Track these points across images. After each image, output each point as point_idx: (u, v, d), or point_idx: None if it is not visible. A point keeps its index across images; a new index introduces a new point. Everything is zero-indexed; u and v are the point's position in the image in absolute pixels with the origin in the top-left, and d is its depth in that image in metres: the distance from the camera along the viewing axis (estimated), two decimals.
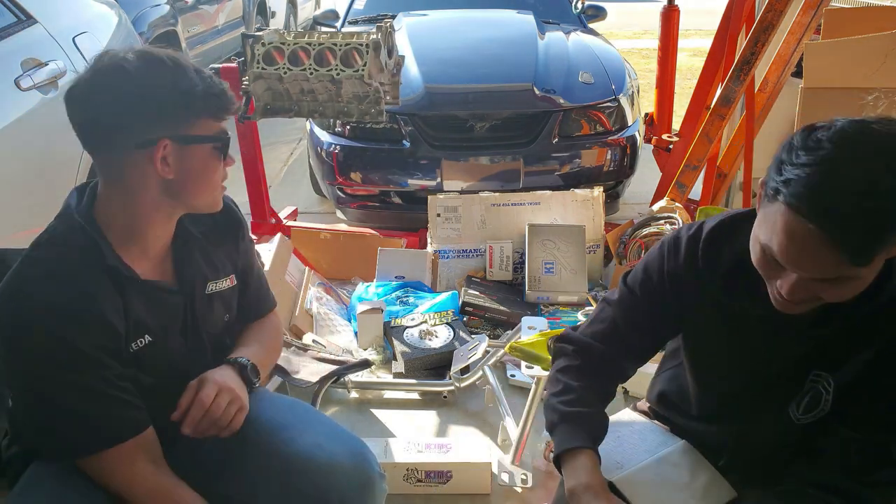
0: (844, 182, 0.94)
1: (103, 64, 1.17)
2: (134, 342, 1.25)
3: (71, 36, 2.78)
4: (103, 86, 1.16)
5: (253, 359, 1.44)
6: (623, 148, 3.55)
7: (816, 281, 1.01)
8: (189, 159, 1.21)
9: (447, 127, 3.48)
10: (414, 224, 3.45)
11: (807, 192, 0.95)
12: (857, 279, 1.00)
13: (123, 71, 1.16)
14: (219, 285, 1.41)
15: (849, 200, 0.93)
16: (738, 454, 1.28)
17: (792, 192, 0.96)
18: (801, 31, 3.00)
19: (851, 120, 0.98)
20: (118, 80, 1.16)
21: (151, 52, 1.20)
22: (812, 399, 1.16)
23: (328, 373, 2.40)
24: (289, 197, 4.38)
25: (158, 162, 1.19)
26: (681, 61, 5.21)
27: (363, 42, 2.55)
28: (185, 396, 1.30)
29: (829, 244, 0.94)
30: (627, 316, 1.33)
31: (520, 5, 4.55)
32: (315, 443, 1.37)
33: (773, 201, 1.00)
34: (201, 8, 6.32)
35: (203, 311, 1.39)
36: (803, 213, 0.95)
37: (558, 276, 3.03)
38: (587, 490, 1.15)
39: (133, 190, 1.22)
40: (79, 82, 1.18)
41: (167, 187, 1.22)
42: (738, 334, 1.22)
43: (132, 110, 1.16)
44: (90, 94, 1.17)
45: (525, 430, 2.10)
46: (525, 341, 1.93)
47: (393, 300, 2.96)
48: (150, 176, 1.20)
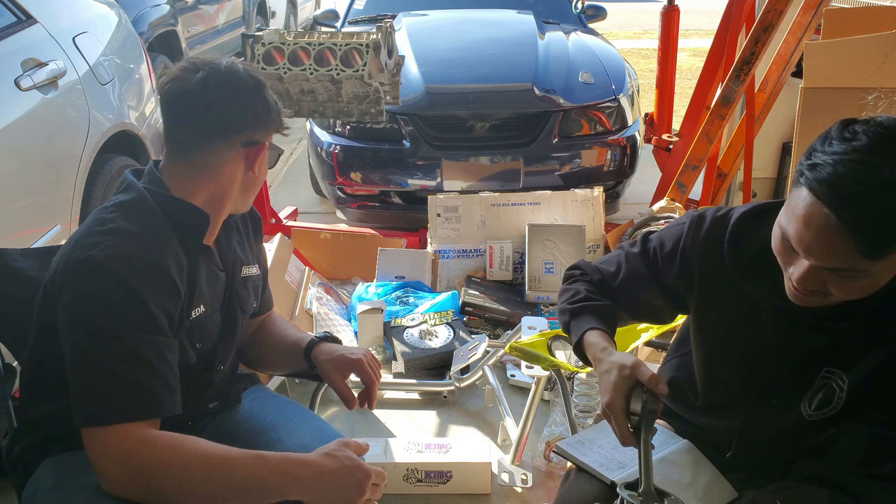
0: (870, 174, 0.93)
1: (226, 67, 1.28)
2: (194, 310, 1.29)
3: (71, 36, 2.77)
4: (234, 86, 1.27)
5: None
6: (623, 148, 3.55)
7: (828, 271, 1.00)
8: (263, 162, 1.35)
9: (447, 127, 3.48)
10: (414, 224, 3.46)
11: (830, 178, 0.95)
12: (868, 276, 0.99)
13: (253, 79, 1.29)
14: (250, 271, 1.49)
15: (871, 192, 0.93)
16: (744, 448, 1.28)
17: (816, 176, 0.96)
18: (801, 31, 3.00)
19: (892, 117, 0.99)
20: (249, 84, 1.28)
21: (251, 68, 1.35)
22: (825, 396, 1.15)
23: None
24: (289, 197, 4.39)
25: (257, 161, 1.31)
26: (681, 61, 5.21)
27: (363, 42, 2.55)
28: (343, 388, 1.50)
29: (844, 234, 0.94)
30: (628, 271, 1.35)
31: (520, 5, 4.55)
32: (302, 443, 1.38)
33: (798, 186, 1.01)
34: (201, 8, 6.32)
35: (241, 291, 1.45)
36: (824, 198, 0.95)
37: (558, 276, 3.03)
38: (636, 364, 1.14)
39: (222, 181, 1.30)
40: (198, 77, 1.25)
41: (245, 183, 1.34)
42: (751, 324, 1.21)
43: (254, 113, 1.28)
44: (220, 89, 1.26)
45: (525, 430, 2.11)
46: (525, 341, 1.93)
47: (393, 300, 2.96)
48: (239, 171, 1.31)
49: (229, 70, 1.27)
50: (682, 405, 1.37)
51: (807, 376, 1.18)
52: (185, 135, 1.28)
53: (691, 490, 1.26)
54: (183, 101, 1.25)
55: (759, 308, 1.20)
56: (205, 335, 1.34)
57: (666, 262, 1.30)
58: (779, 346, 1.19)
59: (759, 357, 1.21)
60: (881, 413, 1.10)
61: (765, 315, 1.20)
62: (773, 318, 1.19)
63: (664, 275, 1.30)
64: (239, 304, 1.44)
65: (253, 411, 1.48)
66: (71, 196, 2.51)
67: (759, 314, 1.20)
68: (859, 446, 1.11)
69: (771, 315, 1.19)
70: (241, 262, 1.46)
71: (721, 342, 1.27)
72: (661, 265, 1.31)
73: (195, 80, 1.24)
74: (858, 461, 1.10)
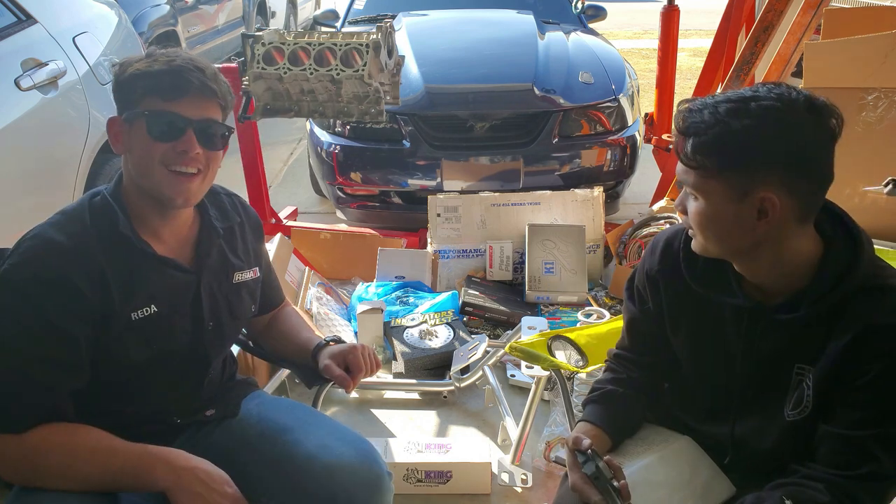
0: (713, 106, 1.09)
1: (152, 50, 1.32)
2: (137, 311, 1.29)
3: (71, 36, 2.77)
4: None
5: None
6: (623, 148, 3.55)
7: (685, 189, 1.16)
8: (131, 135, 1.29)
9: (447, 127, 3.47)
10: (414, 224, 3.45)
11: (685, 106, 1.13)
12: (704, 197, 1.13)
13: (153, 58, 1.29)
14: (244, 276, 1.49)
15: (701, 114, 1.09)
16: (739, 453, 1.29)
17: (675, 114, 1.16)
18: (801, 31, 3.00)
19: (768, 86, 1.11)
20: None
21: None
22: (798, 395, 1.18)
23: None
24: (289, 197, 4.39)
25: (111, 134, 1.33)
26: (681, 61, 5.21)
27: (363, 42, 2.55)
28: (338, 374, 1.50)
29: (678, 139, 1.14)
30: (628, 319, 1.43)
31: (520, 5, 4.55)
32: (322, 444, 1.39)
33: None
34: (201, 8, 6.32)
35: (232, 298, 1.45)
36: (678, 124, 1.13)
37: (558, 276, 3.03)
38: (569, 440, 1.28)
39: (128, 159, 1.33)
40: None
41: (127, 165, 1.32)
42: (720, 333, 1.26)
43: (118, 87, 1.31)
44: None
45: (525, 430, 2.10)
46: (525, 341, 1.92)
47: (393, 300, 2.96)
48: (121, 146, 1.33)
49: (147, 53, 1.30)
50: (685, 414, 1.38)
51: (782, 377, 1.20)
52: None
53: (690, 487, 1.27)
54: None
55: (723, 316, 1.25)
56: (160, 335, 1.33)
57: (644, 293, 1.37)
58: (747, 350, 1.23)
59: (733, 364, 1.25)
60: (848, 410, 1.12)
61: (728, 321, 1.24)
62: (736, 321, 1.23)
63: (651, 306, 1.36)
64: (228, 309, 1.44)
65: (262, 415, 1.48)
66: (71, 196, 2.51)
67: (724, 322, 1.25)
68: (836, 449, 1.13)
69: (733, 319, 1.24)
70: (234, 267, 1.46)
71: (698, 354, 1.31)
72: (646, 299, 1.37)
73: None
74: (838, 464, 1.12)
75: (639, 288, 1.38)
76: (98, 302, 1.23)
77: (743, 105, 1.08)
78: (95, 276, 1.23)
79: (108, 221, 1.28)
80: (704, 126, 1.09)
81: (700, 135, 1.10)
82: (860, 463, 1.10)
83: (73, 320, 1.21)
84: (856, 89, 2.49)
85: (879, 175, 2.52)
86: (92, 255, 1.24)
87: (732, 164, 1.09)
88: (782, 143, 1.07)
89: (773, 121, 1.06)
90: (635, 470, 1.27)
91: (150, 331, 1.31)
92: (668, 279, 1.31)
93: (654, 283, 1.33)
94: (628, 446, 1.35)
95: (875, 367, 1.08)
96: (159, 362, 1.33)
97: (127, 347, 1.29)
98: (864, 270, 1.11)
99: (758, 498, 1.15)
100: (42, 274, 1.19)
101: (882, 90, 2.47)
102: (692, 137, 1.11)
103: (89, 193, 1.34)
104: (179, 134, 1.26)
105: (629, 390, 1.38)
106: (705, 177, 1.11)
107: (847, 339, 1.10)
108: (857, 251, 1.12)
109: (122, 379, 1.32)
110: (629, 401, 1.37)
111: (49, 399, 1.20)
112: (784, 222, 1.11)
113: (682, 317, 1.31)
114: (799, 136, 1.07)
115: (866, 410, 1.10)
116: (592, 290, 3.11)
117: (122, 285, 1.27)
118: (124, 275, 1.27)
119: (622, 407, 1.37)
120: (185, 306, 1.37)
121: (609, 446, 1.33)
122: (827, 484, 1.11)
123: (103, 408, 1.30)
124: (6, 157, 2.26)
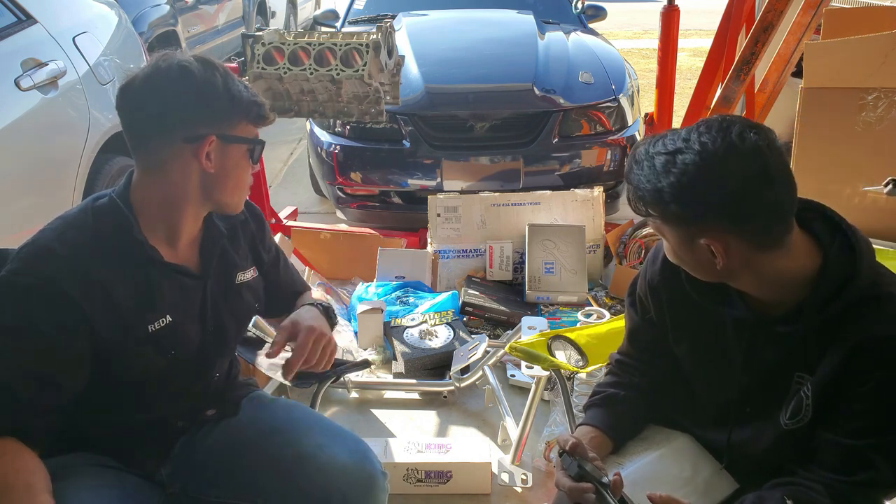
0: (650, 158, 1.10)
1: (164, 62, 1.24)
2: (153, 322, 1.27)
3: (71, 36, 2.77)
4: (165, 81, 1.22)
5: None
6: (623, 148, 3.55)
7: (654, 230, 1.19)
8: (228, 157, 1.29)
9: (447, 127, 3.47)
10: (414, 224, 3.45)
11: (632, 153, 1.15)
12: (664, 238, 1.17)
13: (185, 70, 1.23)
14: (246, 275, 1.47)
15: (641, 167, 1.11)
16: (735, 458, 1.29)
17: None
18: (801, 31, 3.00)
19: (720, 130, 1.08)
20: (179, 77, 1.22)
21: (207, 59, 1.29)
22: (797, 404, 1.17)
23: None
24: (289, 197, 4.39)
25: (203, 156, 1.25)
26: (681, 61, 5.21)
27: (363, 42, 2.55)
28: (280, 336, 1.39)
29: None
30: (630, 328, 1.43)
31: (520, 5, 4.55)
32: (317, 444, 1.39)
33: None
34: (201, 8, 6.32)
35: (234, 300, 1.43)
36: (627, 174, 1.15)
37: (558, 276, 3.03)
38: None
39: (174, 181, 1.27)
40: (139, 76, 1.24)
41: (204, 181, 1.28)
42: (719, 341, 1.26)
43: (189, 105, 1.23)
44: (152, 86, 1.23)
45: (525, 430, 2.10)
46: (525, 341, 1.92)
47: (393, 300, 2.96)
48: (192, 168, 1.26)
49: (169, 65, 1.23)
50: (685, 419, 1.39)
51: (781, 386, 1.19)
52: (128, 134, 1.28)
53: (692, 485, 1.27)
54: (121, 101, 1.26)
55: (724, 325, 1.25)
56: (178, 344, 1.31)
57: (646, 302, 1.37)
58: (746, 359, 1.22)
59: (732, 372, 1.25)
60: (846, 420, 1.11)
61: (729, 331, 1.24)
62: (736, 331, 1.23)
63: (654, 316, 1.36)
64: (231, 312, 1.42)
65: (260, 415, 1.47)
66: (71, 196, 2.51)
67: (725, 331, 1.25)
68: (836, 455, 1.12)
69: (734, 329, 1.23)
70: (236, 268, 1.44)
71: (699, 363, 1.31)
72: (648, 309, 1.37)
73: (130, 80, 1.24)
74: (837, 469, 1.11)
75: (641, 296, 1.38)
76: (98, 312, 1.20)
77: (671, 159, 1.08)
78: (94, 285, 1.20)
79: (117, 227, 1.25)
80: (643, 179, 1.11)
81: (638, 189, 1.12)
82: (859, 470, 1.10)
83: (63, 332, 1.17)
84: (856, 89, 2.49)
85: (879, 175, 2.52)
86: (90, 263, 1.21)
87: (667, 219, 1.11)
88: (709, 196, 1.06)
89: (694, 177, 1.06)
90: (636, 468, 1.27)
91: (166, 341, 1.29)
92: (669, 289, 1.30)
93: (656, 293, 1.33)
94: (629, 446, 1.36)
95: (875, 377, 1.08)
96: (172, 370, 1.32)
97: (145, 359, 1.27)
98: (863, 280, 1.10)
99: (759, 497, 1.15)
100: (34, 283, 1.16)
101: (882, 90, 2.47)
102: (633, 189, 1.14)
103: (92, 197, 1.31)
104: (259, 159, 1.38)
105: (631, 393, 1.38)
106: (655, 222, 1.15)
107: (847, 349, 1.10)
108: (855, 261, 1.11)
109: (135, 389, 1.30)
110: (631, 404, 1.37)
111: (18, 414, 1.15)
112: (745, 257, 1.10)
113: (685, 327, 1.31)
114: (723, 186, 1.05)
115: (866, 420, 1.10)
116: (592, 290, 3.11)
117: (135, 296, 1.24)
118: (138, 285, 1.25)
119: (624, 410, 1.36)
120: (194, 312, 1.36)
121: (611, 449, 1.33)
122: (826, 486, 1.11)
123: (113, 417, 1.30)
124: (6, 158, 2.26)
